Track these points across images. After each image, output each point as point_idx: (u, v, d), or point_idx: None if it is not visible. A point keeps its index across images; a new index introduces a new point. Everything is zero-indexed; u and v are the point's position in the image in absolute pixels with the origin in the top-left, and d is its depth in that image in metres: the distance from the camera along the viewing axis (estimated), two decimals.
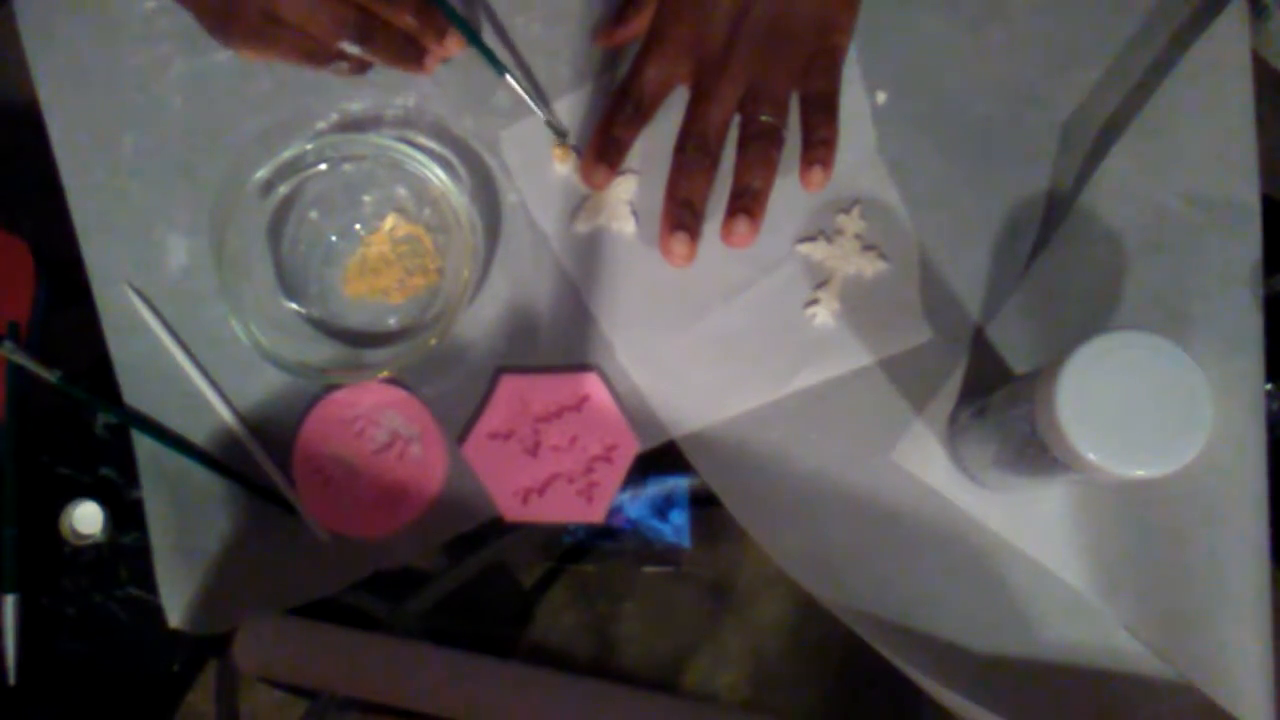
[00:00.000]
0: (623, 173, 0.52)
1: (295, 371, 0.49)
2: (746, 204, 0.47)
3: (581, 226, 0.52)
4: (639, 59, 0.49)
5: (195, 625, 0.51)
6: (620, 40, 0.53)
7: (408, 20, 0.50)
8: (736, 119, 0.49)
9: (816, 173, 0.48)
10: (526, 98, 0.52)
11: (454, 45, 0.51)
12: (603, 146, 0.49)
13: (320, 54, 0.50)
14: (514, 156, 0.53)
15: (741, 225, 0.47)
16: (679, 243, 0.48)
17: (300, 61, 0.50)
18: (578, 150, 0.53)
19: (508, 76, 0.52)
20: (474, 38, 0.51)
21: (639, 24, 0.52)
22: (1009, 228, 0.51)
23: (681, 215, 0.48)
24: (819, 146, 0.48)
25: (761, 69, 0.48)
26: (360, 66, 0.52)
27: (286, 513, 0.51)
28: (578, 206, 0.52)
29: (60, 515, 0.53)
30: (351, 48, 0.50)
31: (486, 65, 0.52)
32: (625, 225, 0.52)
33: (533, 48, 0.54)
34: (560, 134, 0.52)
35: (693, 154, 0.48)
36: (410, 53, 0.51)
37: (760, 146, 0.48)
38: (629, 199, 0.52)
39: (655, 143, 0.52)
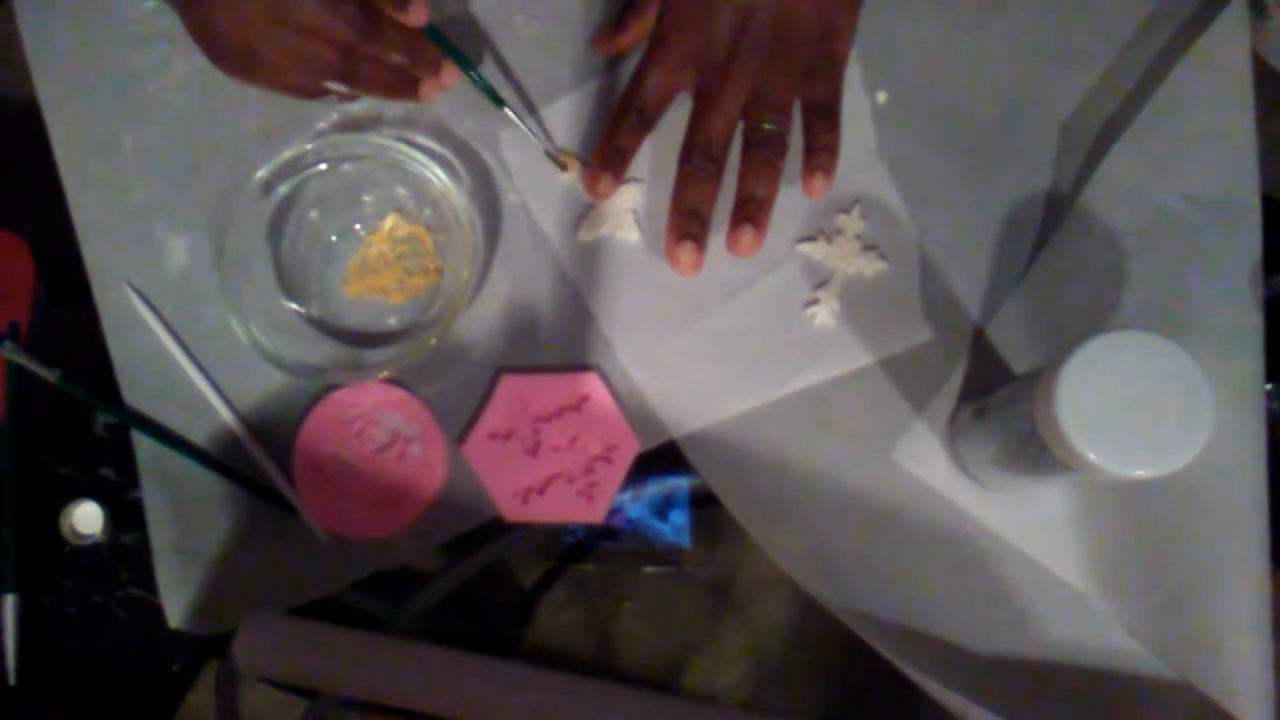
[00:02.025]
0: (626, 181, 0.52)
1: (295, 371, 0.49)
2: (751, 212, 0.47)
3: (586, 235, 0.52)
4: (641, 67, 0.49)
5: (195, 625, 0.51)
6: (618, 48, 0.53)
7: (396, 57, 0.49)
8: (740, 126, 0.49)
9: (819, 180, 0.48)
10: (525, 128, 0.52)
11: (449, 76, 0.51)
12: (606, 156, 0.49)
13: (307, 90, 0.50)
14: (514, 157, 0.53)
15: (747, 235, 0.47)
16: (686, 252, 0.48)
17: (290, 96, 0.50)
18: (582, 160, 0.53)
19: (507, 110, 0.51)
20: (471, 70, 0.51)
21: (638, 31, 0.52)
22: (1009, 228, 0.51)
23: (688, 224, 0.48)
24: (821, 154, 0.48)
25: (764, 76, 0.48)
26: (352, 96, 0.52)
27: (286, 513, 0.51)
28: (582, 215, 0.52)
29: (60, 515, 0.53)
30: (337, 87, 0.49)
31: (509, 106, 0.51)
32: (630, 234, 0.52)
33: (533, 47, 0.54)
34: (560, 165, 0.52)
35: (698, 163, 0.48)
36: (402, 86, 0.50)
37: (764, 154, 0.48)
38: (633, 207, 0.52)
39: (659, 151, 0.52)
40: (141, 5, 0.55)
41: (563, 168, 0.52)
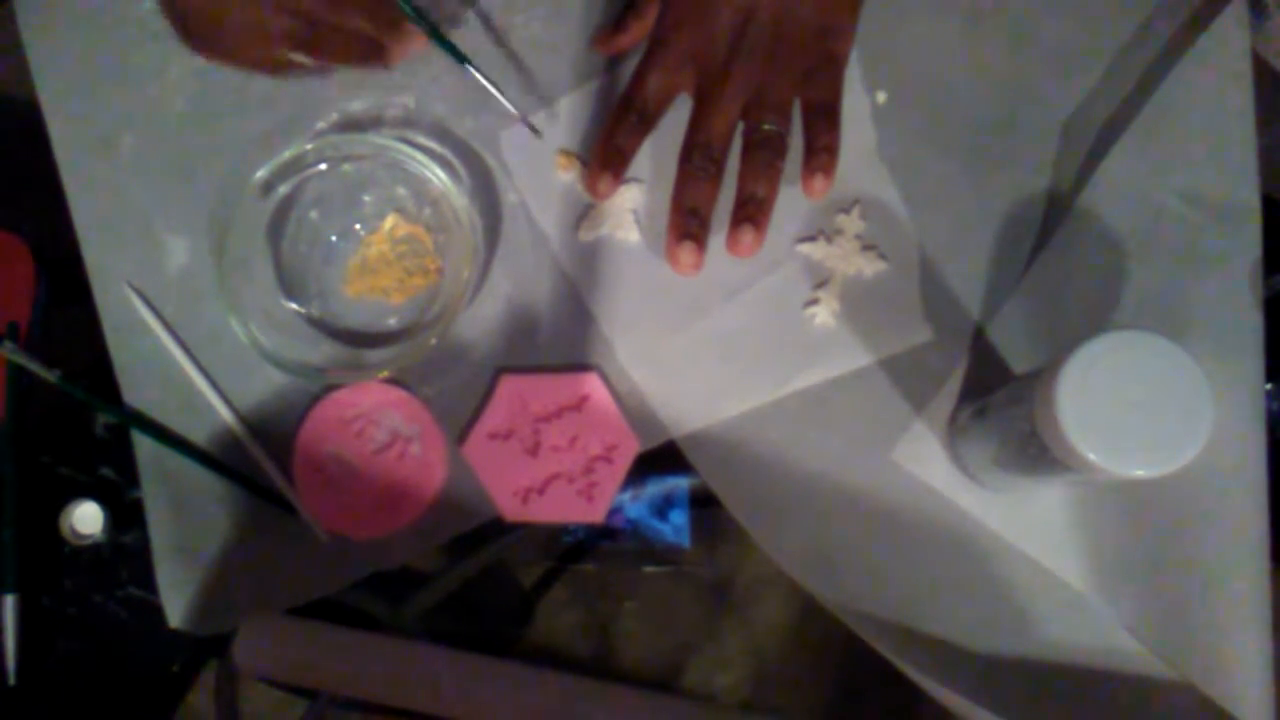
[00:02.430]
0: (626, 181, 0.52)
1: (295, 371, 0.49)
2: (751, 213, 0.47)
3: (586, 235, 0.52)
4: (641, 68, 0.49)
5: (195, 625, 0.51)
6: (618, 48, 0.53)
7: (358, 23, 0.48)
8: (740, 126, 0.49)
9: (819, 180, 0.48)
10: (495, 91, 0.50)
11: (415, 40, 0.50)
12: (606, 156, 0.49)
13: (274, 63, 0.49)
14: (514, 157, 0.53)
15: (747, 235, 0.47)
16: (686, 252, 0.48)
17: (257, 70, 0.49)
18: (582, 160, 0.53)
19: (469, 68, 0.50)
20: (433, 31, 0.50)
21: (638, 32, 0.52)
22: (1009, 228, 0.51)
23: (688, 224, 0.48)
24: (821, 154, 0.48)
25: (764, 76, 0.48)
26: (320, 68, 0.51)
27: (286, 513, 0.51)
28: (582, 215, 0.52)
29: (60, 515, 0.53)
30: (301, 58, 0.48)
31: (475, 66, 0.51)
32: (629, 234, 0.52)
33: (533, 47, 0.54)
34: (535, 131, 0.52)
35: (698, 163, 0.48)
36: (366, 52, 0.49)
37: (764, 155, 0.48)
38: (633, 208, 0.52)
39: (659, 151, 0.52)
40: (141, 5, 0.55)
41: (537, 133, 0.52)
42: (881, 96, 0.53)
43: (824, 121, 0.48)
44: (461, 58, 0.50)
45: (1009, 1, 0.53)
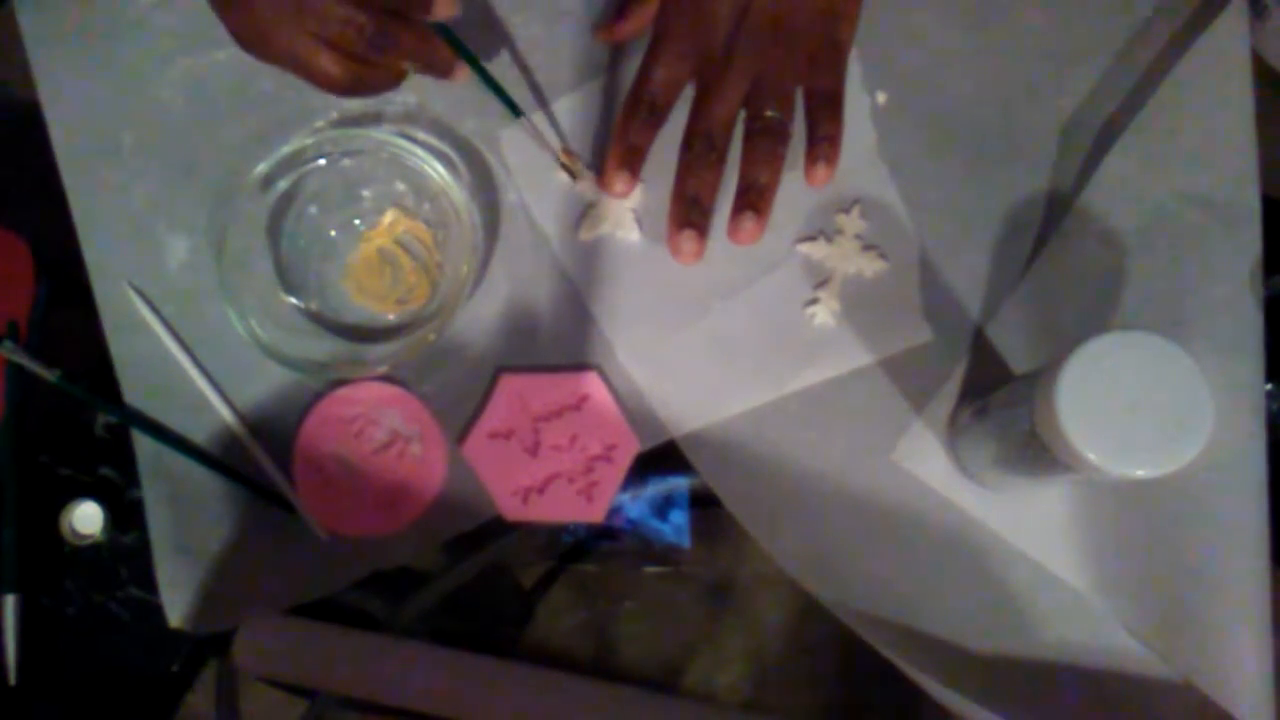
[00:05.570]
0: None
1: (294, 366, 0.49)
2: (753, 200, 0.47)
3: (586, 235, 0.52)
4: (646, 62, 0.49)
5: (195, 625, 0.51)
6: (621, 35, 0.53)
7: (407, 65, 0.46)
8: (742, 115, 0.49)
9: (821, 169, 0.48)
10: (544, 140, 0.51)
11: (461, 78, 0.49)
12: (621, 154, 0.49)
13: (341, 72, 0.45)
14: (514, 156, 0.53)
15: (748, 222, 0.47)
16: (687, 240, 0.48)
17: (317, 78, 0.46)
18: (582, 159, 0.53)
19: (524, 120, 0.51)
20: (494, 84, 0.50)
21: (641, 18, 0.51)
22: (1009, 228, 0.51)
23: (689, 213, 0.48)
24: (823, 143, 0.48)
25: (766, 64, 0.48)
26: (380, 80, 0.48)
27: (286, 513, 0.51)
28: (581, 215, 0.52)
29: (60, 515, 0.53)
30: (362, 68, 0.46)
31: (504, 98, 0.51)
32: (630, 233, 0.52)
33: (533, 47, 0.54)
34: (571, 174, 0.52)
35: (700, 151, 0.47)
36: (432, 58, 0.47)
37: (766, 142, 0.47)
38: (633, 206, 0.52)
39: (658, 149, 0.52)
40: (141, 2, 0.55)
41: (573, 176, 0.52)
42: (881, 96, 0.53)
43: (827, 110, 0.48)
44: (515, 109, 0.51)
45: (1009, 1, 0.53)
